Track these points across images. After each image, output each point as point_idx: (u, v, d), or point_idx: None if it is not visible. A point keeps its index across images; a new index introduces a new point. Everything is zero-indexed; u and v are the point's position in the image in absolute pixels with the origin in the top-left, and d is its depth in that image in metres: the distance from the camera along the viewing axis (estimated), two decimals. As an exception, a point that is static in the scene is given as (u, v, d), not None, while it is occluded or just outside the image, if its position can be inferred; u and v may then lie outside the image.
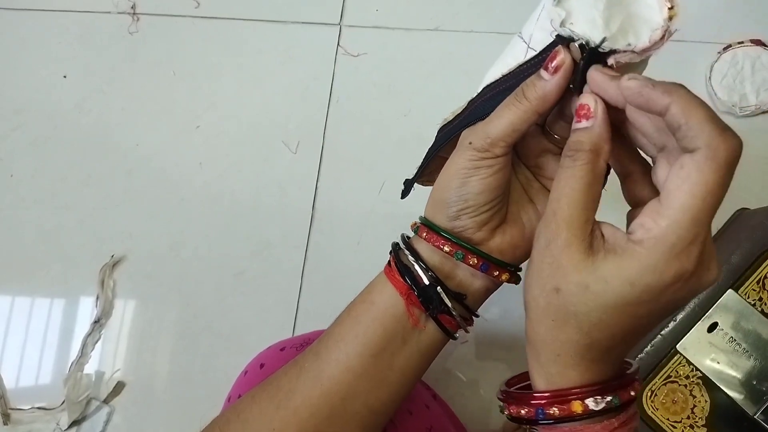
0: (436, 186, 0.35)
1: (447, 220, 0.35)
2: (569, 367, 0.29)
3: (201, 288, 0.76)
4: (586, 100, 0.29)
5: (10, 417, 0.72)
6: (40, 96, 0.87)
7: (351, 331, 0.36)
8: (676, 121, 0.25)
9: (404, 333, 0.35)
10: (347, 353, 0.35)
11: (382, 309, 0.35)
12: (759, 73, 0.77)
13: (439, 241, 0.34)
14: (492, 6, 0.85)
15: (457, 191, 0.34)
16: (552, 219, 0.28)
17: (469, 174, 0.33)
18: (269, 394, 0.36)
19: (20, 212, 0.81)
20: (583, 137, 0.28)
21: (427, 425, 0.51)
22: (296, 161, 0.81)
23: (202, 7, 0.89)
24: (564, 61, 0.29)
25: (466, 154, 0.33)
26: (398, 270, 0.35)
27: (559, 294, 0.28)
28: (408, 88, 0.84)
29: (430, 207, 0.36)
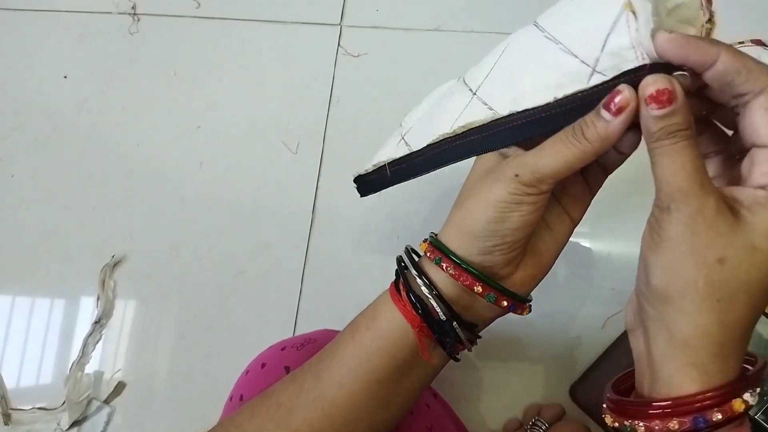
0: (465, 214, 0.32)
1: (476, 254, 0.32)
2: (730, 356, 0.25)
3: (201, 288, 0.76)
4: (663, 85, 0.26)
5: (11, 417, 0.72)
6: (40, 96, 0.87)
7: (355, 356, 0.34)
8: (734, 67, 0.26)
9: (412, 361, 0.34)
10: (351, 379, 0.34)
11: (390, 339, 0.33)
12: (759, 72, 0.77)
13: (468, 280, 0.32)
14: (492, 6, 0.85)
15: (494, 225, 0.31)
16: (687, 191, 0.26)
17: (509, 209, 0.31)
18: (268, 410, 0.35)
19: (20, 212, 0.81)
20: (677, 119, 0.26)
21: (428, 424, 0.51)
22: (296, 161, 0.81)
23: (202, 7, 0.89)
24: (629, 102, 0.27)
25: (509, 187, 0.30)
26: (410, 302, 0.33)
27: (725, 265, 0.25)
28: (408, 88, 0.83)
29: (454, 236, 0.33)
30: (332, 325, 0.57)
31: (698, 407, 0.25)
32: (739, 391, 0.25)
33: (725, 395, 0.25)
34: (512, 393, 0.68)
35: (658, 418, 0.25)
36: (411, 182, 0.81)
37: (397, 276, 0.35)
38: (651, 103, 0.26)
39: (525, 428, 0.64)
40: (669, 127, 0.26)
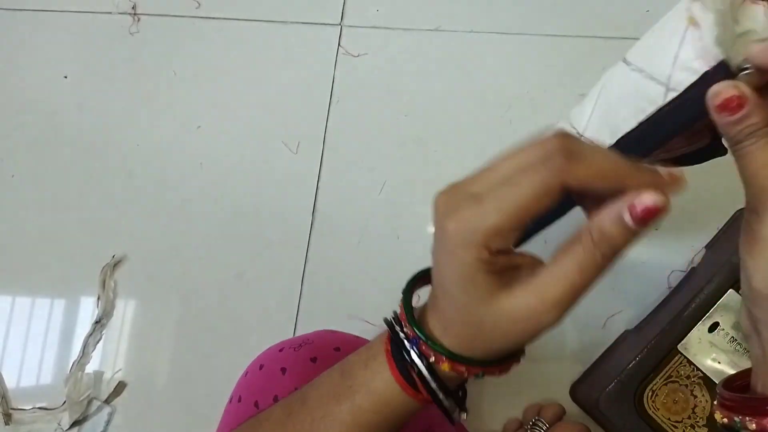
0: (498, 345, 0.29)
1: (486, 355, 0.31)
2: None
3: (201, 288, 0.77)
4: (730, 92, 0.26)
5: (12, 417, 0.72)
6: (41, 96, 0.87)
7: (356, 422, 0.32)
8: None
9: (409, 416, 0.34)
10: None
11: (402, 419, 0.33)
12: (759, 72, 0.77)
13: (474, 371, 0.31)
14: (492, 6, 0.85)
15: (537, 338, 0.28)
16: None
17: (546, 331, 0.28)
18: None
19: (20, 212, 0.81)
20: (751, 119, 0.26)
21: (426, 425, 0.51)
22: (296, 161, 0.81)
23: (202, 7, 0.89)
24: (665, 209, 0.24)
25: (556, 321, 0.26)
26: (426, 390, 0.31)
27: None
28: (408, 88, 0.83)
29: (483, 354, 0.30)
30: (332, 326, 0.57)
31: None
32: None
33: None
34: (512, 393, 0.68)
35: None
36: (410, 183, 0.81)
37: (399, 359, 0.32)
38: (722, 112, 0.26)
39: (525, 428, 0.64)
40: (745, 129, 0.26)
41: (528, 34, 0.83)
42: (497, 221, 0.25)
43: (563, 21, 0.83)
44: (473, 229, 0.25)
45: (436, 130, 0.81)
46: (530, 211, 0.25)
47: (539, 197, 0.24)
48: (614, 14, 0.84)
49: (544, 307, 0.26)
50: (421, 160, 0.80)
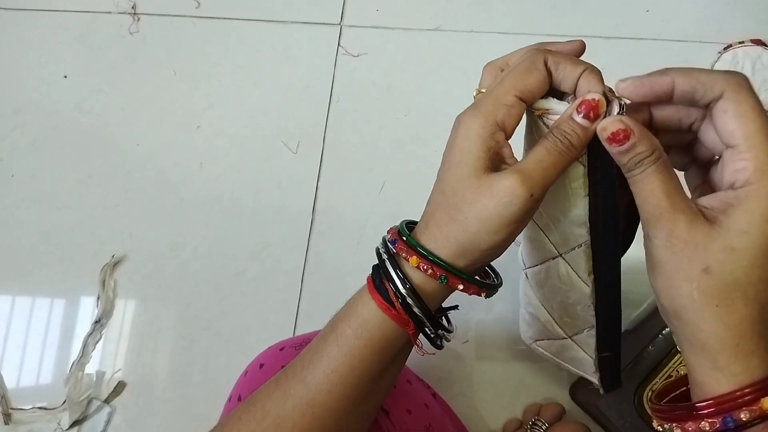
0: (471, 238, 0.31)
1: (471, 265, 0.33)
2: (750, 354, 0.26)
3: (201, 288, 0.76)
4: (615, 126, 0.29)
5: (12, 417, 0.72)
6: (40, 96, 0.87)
7: (347, 363, 0.34)
8: (688, 85, 0.28)
9: (399, 354, 0.35)
10: (343, 385, 0.34)
11: (381, 344, 0.34)
12: (759, 73, 0.77)
13: (472, 289, 0.33)
14: (492, 6, 0.85)
15: (504, 244, 0.32)
16: (659, 216, 0.28)
17: (522, 227, 0.32)
18: (255, 417, 0.35)
19: (20, 212, 0.81)
20: (639, 148, 0.29)
21: (426, 424, 0.51)
22: (296, 161, 0.81)
23: (202, 7, 0.89)
24: (604, 109, 0.30)
25: (525, 208, 0.30)
26: (406, 312, 0.33)
27: (710, 272, 0.27)
28: (408, 88, 0.83)
29: (449, 250, 0.32)
30: (332, 325, 0.57)
31: (726, 407, 0.26)
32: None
33: (753, 393, 0.26)
34: (512, 393, 0.68)
35: (690, 420, 0.27)
36: (410, 183, 0.81)
37: (377, 277, 0.34)
38: (611, 143, 0.29)
39: (525, 428, 0.64)
40: (635, 158, 0.29)
41: (528, 34, 0.83)
42: (500, 93, 0.31)
43: (563, 21, 0.83)
44: (483, 103, 0.31)
45: (436, 130, 0.81)
46: (527, 81, 0.31)
47: (530, 68, 0.31)
48: (614, 14, 0.84)
49: (518, 180, 0.30)
50: (421, 160, 0.80)
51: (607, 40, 0.82)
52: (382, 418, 0.47)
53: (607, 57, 0.81)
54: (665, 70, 0.29)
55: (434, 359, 0.71)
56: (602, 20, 0.83)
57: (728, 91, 0.27)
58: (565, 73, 0.31)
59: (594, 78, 0.31)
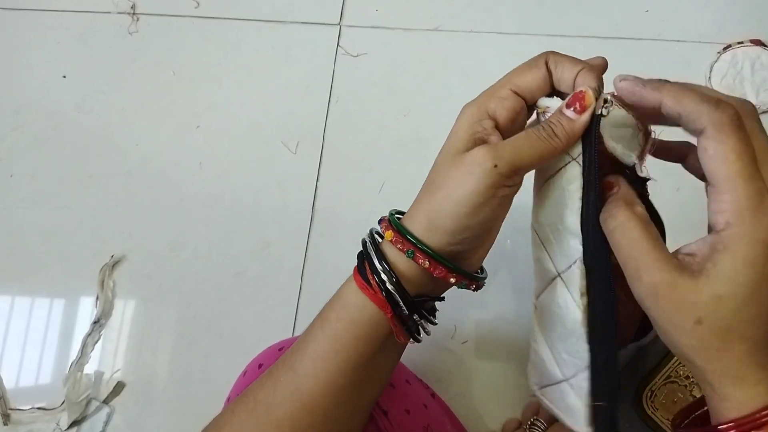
0: (436, 209, 0.32)
1: (446, 245, 0.32)
2: (753, 384, 0.28)
3: (201, 288, 0.76)
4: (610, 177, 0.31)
5: (10, 417, 0.72)
6: (40, 96, 0.87)
7: (329, 349, 0.34)
8: (674, 111, 0.28)
9: (384, 343, 0.35)
10: (328, 370, 0.34)
11: (363, 327, 0.34)
12: (759, 73, 0.77)
13: (442, 272, 0.33)
14: (492, 6, 0.85)
15: (466, 221, 0.31)
16: (640, 278, 0.28)
17: (485, 201, 0.31)
18: (247, 407, 0.36)
19: (20, 212, 0.81)
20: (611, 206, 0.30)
21: (425, 424, 0.51)
22: (296, 161, 0.81)
23: (202, 7, 0.89)
24: (591, 102, 0.31)
25: (487, 179, 0.30)
26: (383, 293, 0.33)
27: (702, 323, 0.27)
28: (408, 88, 0.83)
29: (424, 227, 0.33)
30: (331, 325, 0.56)
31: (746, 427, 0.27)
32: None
33: (758, 420, 0.27)
34: (511, 393, 0.68)
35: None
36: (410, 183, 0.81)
37: (360, 260, 0.36)
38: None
39: (524, 428, 0.64)
40: (606, 212, 0.30)
41: (528, 34, 0.83)
42: (497, 86, 0.33)
43: (563, 21, 0.83)
44: (481, 94, 0.33)
45: (436, 130, 0.81)
46: (522, 80, 0.33)
47: (530, 66, 0.33)
48: (614, 14, 0.84)
49: (483, 150, 0.31)
50: (421, 160, 0.79)
51: (607, 40, 0.82)
52: (380, 418, 0.47)
53: (606, 57, 0.81)
54: (660, 85, 0.29)
55: (434, 359, 0.71)
56: (602, 20, 0.83)
57: (709, 129, 0.27)
58: (563, 73, 0.32)
59: (589, 75, 0.31)
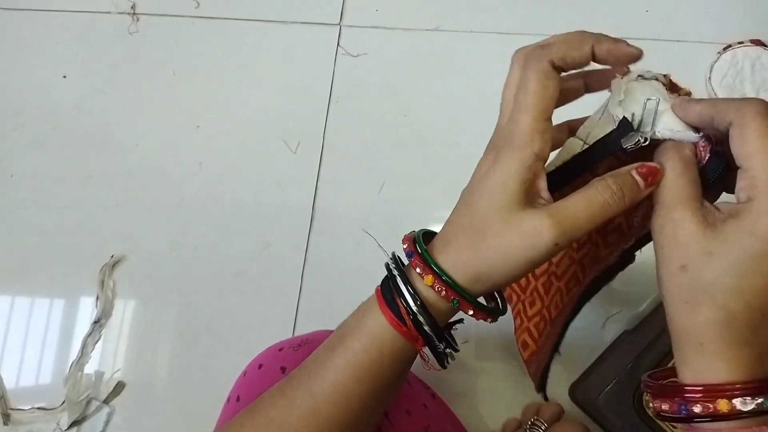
0: (486, 265, 0.32)
1: (482, 291, 0.33)
2: (714, 356, 0.28)
3: (201, 288, 0.76)
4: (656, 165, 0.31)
5: (11, 417, 0.72)
6: (40, 96, 0.87)
7: (354, 377, 0.34)
8: (707, 115, 0.30)
9: (406, 369, 0.35)
10: (349, 397, 0.34)
11: (392, 359, 0.34)
12: (759, 73, 0.77)
13: (480, 315, 0.34)
14: (492, 6, 0.85)
15: (517, 279, 0.33)
16: (658, 209, 0.30)
17: (537, 266, 0.32)
18: (258, 424, 0.35)
19: (20, 212, 0.81)
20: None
21: (425, 424, 0.51)
22: (296, 161, 0.81)
23: (202, 7, 0.89)
24: (662, 177, 0.30)
25: (549, 254, 0.30)
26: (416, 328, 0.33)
27: (685, 271, 0.28)
28: (408, 88, 0.83)
29: (466, 276, 0.32)
30: (332, 326, 0.56)
31: (678, 399, 0.28)
32: (729, 393, 0.27)
33: (708, 393, 0.27)
34: (511, 393, 0.68)
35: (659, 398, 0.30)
36: (410, 183, 0.81)
37: (386, 288, 0.34)
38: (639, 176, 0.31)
39: (524, 428, 0.64)
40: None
41: (528, 34, 0.82)
42: (528, 120, 0.30)
43: (563, 21, 0.83)
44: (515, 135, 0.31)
45: (436, 130, 0.81)
46: (545, 98, 0.30)
47: (543, 81, 0.30)
48: (614, 14, 0.84)
49: (547, 226, 0.30)
50: (421, 160, 0.80)
51: (607, 40, 0.82)
52: (380, 418, 0.47)
53: (606, 57, 0.82)
54: (697, 100, 0.31)
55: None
56: (602, 20, 0.83)
57: (734, 118, 0.28)
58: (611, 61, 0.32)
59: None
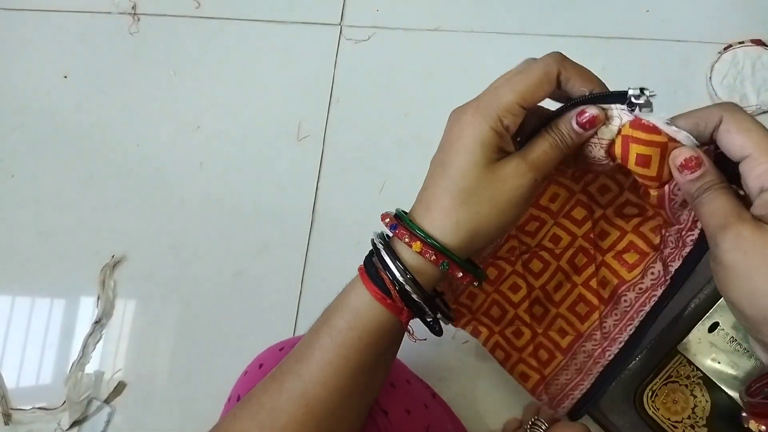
0: (483, 220, 0.33)
1: (470, 251, 0.34)
2: None
3: (201, 288, 0.76)
4: (687, 153, 0.31)
5: (11, 417, 0.72)
6: (40, 96, 0.87)
7: (340, 355, 0.34)
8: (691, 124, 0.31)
9: (394, 344, 0.36)
10: (336, 375, 0.34)
11: (376, 334, 0.34)
12: (759, 73, 0.77)
13: (468, 278, 0.35)
14: (492, 6, 0.85)
15: (508, 227, 0.35)
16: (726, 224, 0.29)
17: (526, 207, 0.35)
18: (250, 411, 0.36)
19: (20, 212, 0.81)
20: (708, 177, 0.30)
21: (425, 424, 0.51)
22: (296, 161, 0.81)
23: (202, 7, 0.89)
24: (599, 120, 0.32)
25: (530, 188, 0.34)
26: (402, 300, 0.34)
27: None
28: (408, 88, 0.83)
29: (459, 238, 0.33)
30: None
31: None
32: None
33: None
34: (512, 393, 0.68)
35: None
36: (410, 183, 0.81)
37: (369, 262, 0.36)
38: (683, 170, 0.31)
39: (524, 428, 0.64)
40: (704, 185, 0.30)
41: (528, 34, 0.83)
42: (510, 98, 0.32)
43: (563, 21, 0.83)
44: (491, 104, 0.33)
45: (436, 130, 0.81)
46: (535, 93, 0.33)
47: (543, 82, 0.33)
48: (614, 14, 0.84)
49: (527, 167, 0.33)
50: (421, 159, 0.79)
51: (607, 40, 0.82)
52: (380, 418, 0.47)
53: (606, 57, 0.81)
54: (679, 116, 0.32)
55: (434, 359, 0.71)
56: (602, 20, 0.83)
57: (725, 114, 0.30)
58: (572, 90, 0.33)
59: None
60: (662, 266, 0.39)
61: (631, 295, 0.41)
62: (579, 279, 0.43)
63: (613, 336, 0.41)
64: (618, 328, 0.41)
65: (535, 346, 0.47)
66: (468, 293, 0.47)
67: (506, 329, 0.47)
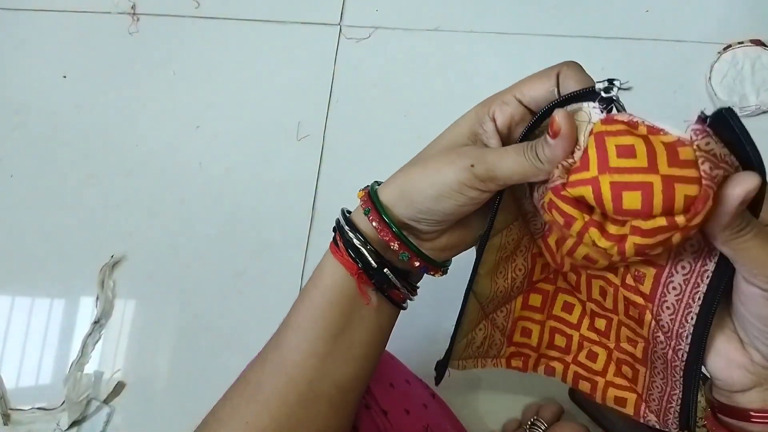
0: (409, 182, 0.34)
1: (406, 217, 0.35)
2: None
3: (201, 288, 0.76)
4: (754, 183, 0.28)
5: (10, 417, 0.72)
6: (40, 96, 0.87)
7: (308, 317, 0.36)
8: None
9: (360, 310, 0.36)
10: (308, 339, 0.36)
11: (336, 292, 0.36)
12: (759, 73, 0.77)
13: (388, 235, 0.35)
14: (492, 6, 0.85)
15: (430, 203, 0.33)
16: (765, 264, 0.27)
17: (451, 195, 0.32)
18: (238, 390, 0.37)
19: (20, 212, 0.81)
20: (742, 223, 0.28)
21: (425, 424, 0.51)
22: (296, 161, 0.81)
23: (202, 7, 0.89)
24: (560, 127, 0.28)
25: (460, 175, 0.32)
26: (348, 253, 0.35)
27: None
28: (408, 88, 0.83)
29: (393, 194, 0.35)
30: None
31: None
32: None
33: None
34: (511, 393, 0.68)
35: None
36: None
37: (335, 231, 0.38)
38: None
39: (524, 428, 0.64)
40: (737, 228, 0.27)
41: (528, 34, 0.83)
42: (508, 90, 0.34)
43: (563, 21, 0.83)
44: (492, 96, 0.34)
45: (436, 130, 0.81)
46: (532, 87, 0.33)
47: (541, 76, 0.33)
48: (614, 14, 0.84)
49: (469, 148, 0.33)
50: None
51: (607, 40, 0.82)
52: (380, 417, 0.47)
53: (606, 58, 0.82)
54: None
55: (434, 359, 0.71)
56: (602, 20, 0.83)
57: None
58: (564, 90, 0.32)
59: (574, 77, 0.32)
60: (701, 234, 0.31)
61: (677, 279, 0.33)
62: (617, 279, 0.37)
63: (677, 332, 0.35)
64: (678, 322, 0.34)
65: (616, 364, 0.41)
66: (521, 330, 0.44)
67: (579, 355, 0.43)
